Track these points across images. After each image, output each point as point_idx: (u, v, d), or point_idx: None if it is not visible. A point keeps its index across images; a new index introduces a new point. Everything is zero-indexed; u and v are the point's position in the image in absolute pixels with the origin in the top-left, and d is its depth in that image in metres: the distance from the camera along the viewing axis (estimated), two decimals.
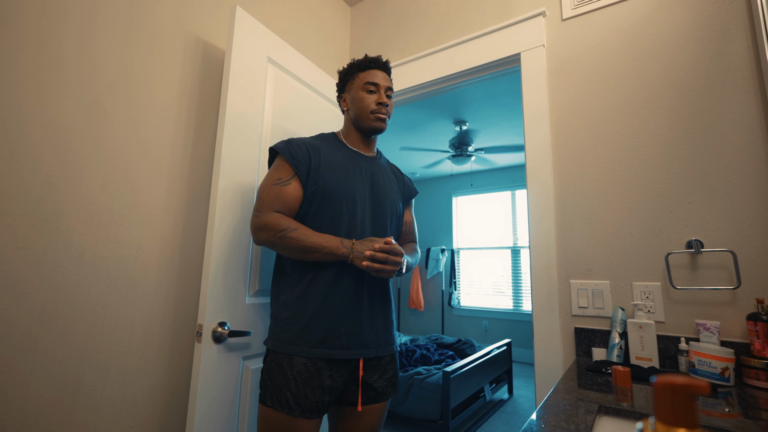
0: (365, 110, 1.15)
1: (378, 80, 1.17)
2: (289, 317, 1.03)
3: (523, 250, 5.27)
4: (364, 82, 1.16)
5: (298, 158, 1.08)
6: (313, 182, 1.08)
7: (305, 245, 0.99)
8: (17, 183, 0.92)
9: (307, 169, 1.08)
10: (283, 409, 0.96)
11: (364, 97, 1.15)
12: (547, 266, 1.38)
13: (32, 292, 0.93)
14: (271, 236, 1.02)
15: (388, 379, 1.11)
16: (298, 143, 1.11)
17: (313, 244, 0.99)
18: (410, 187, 1.34)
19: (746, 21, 1.17)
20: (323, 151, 1.13)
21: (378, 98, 1.15)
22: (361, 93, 1.16)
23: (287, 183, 1.07)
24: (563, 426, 0.67)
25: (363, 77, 1.17)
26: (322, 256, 1.00)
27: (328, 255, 1.00)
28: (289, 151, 1.09)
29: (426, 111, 3.60)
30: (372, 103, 1.15)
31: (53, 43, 1.00)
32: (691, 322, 1.15)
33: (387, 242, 0.99)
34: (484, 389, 3.29)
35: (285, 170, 1.08)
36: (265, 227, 1.02)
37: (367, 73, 1.17)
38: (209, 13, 1.40)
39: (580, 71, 1.43)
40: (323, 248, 0.99)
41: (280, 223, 1.02)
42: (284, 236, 1.00)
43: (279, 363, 1.00)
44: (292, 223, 1.02)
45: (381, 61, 1.20)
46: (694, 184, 1.19)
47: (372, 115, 1.15)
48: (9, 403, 0.87)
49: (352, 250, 1.00)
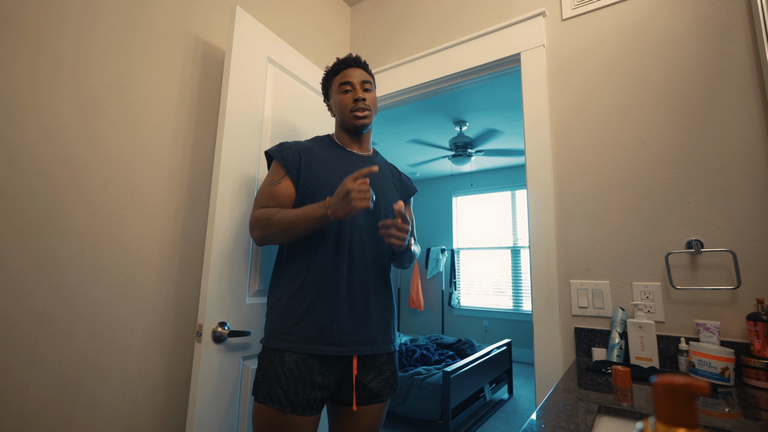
0: (345, 110, 1.17)
1: (351, 78, 1.18)
2: (282, 313, 1.04)
3: (523, 250, 5.27)
4: (339, 84, 1.19)
5: (288, 159, 1.12)
6: (305, 180, 1.11)
7: (288, 221, 1.01)
8: (17, 183, 0.92)
9: (297, 169, 1.12)
10: (275, 405, 0.96)
11: (342, 99, 1.18)
12: (547, 266, 1.38)
13: (32, 292, 0.93)
14: (261, 228, 1.04)
15: (384, 380, 1.09)
16: (289, 146, 1.15)
17: (294, 217, 1.00)
18: (408, 186, 1.34)
19: (746, 21, 1.17)
20: (315, 151, 1.16)
21: (354, 95, 1.17)
22: (339, 96, 1.19)
23: (278, 182, 1.11)
24: (563, 426, 0.67)
25: (338, 80, 1.20)
26: (306, 223, 1.00)
27: (311, 222, 0.99)
28: (280, 153, 1.13)
29: (426, 111, 3.60)
30: (349, 102, 1.17)
31: (51, 43, 1.00)
32: (691, 322, 1.15)
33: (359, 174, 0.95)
34: (484, 389, 3.29)
35: (277, 172, 1.13)
36: (255, 222, 1.06)
37: (340, 75, 1.20)
38: (209, 13, 1.40)
39: (580, 71, 1.43)
40: (304, 216, 1.00)
41: (264, 212, 1.05)
42: (270, 221, 1.03)
43: (270, 359, 1.01)
44: (274, 210, 1.05)
45: (351, 58, 1.21)
46: (694, 184, 1.19)
47: (351, 114, 1.17)
48: (9, 403, 0.87)
49: (328, 206, 0.97)
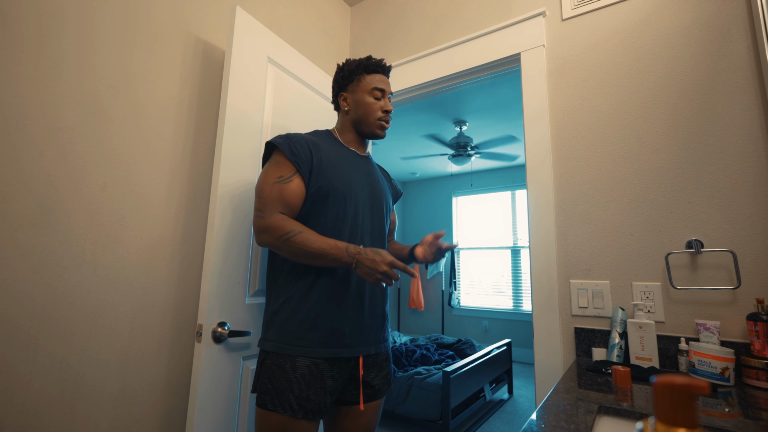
0: (371, 116, 1.14)
1: (385, 86, 1.16)
2: (292, 317, 1.00)
3: (523, 250, 5.26)
4: (372, 87, 1.14)
5: (300, 155, 1.03)
6: (316, 180, 1.04)
7: (309, 251, 0.95)
8: (18, 183, 0.92)
9: (309, 167, 1.04)
10: (286, 412, 0.93)
11: (371, 103, 1.14)
12: (547, 266, 1.38)
13: (32, 292, 0.93)
14: (274, 239, 0.98)
15: (384, 377, 1.12)
16: (298, 138, 1.06)
17: (317, 250, 0.95)
18: (397, 189, 1.38)
19: (746, 21, 1.17)
20: (323, 149, 1.09)
21: (384, 105, 1.14)
22: (367, 98, 1.14)
23: (289, 181, 1.02)
24: (563, 426, 0.67)
25: (370, 81, 1.14)
26: (327, 262, 0.97)
27: (332, 262, 0.97)
28: (289, 146, 1.04)
29: (426, 111, 3.60)
30: (379, 110, 1.14)
31: (53, 43, 1.00)
32: (691, 322, 1.15)
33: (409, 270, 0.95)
34: (484, 389, 3.29)
35: (286, 167, 1.03)
36: (268, 230, 0.98)
37: (374, 77, 1.15)
38: (209, 13, 1.40)
39: (580, 71, 1.43)
40: (327, 255, 0.96)
41: (284, 225, 0.97)
42: (288, 240, 0.96)
43: (281, 365, 0.97)
44: (296, 226, 0.98)
45: (386, 65, 1.19)
46: (694, 184, 1.19)
47: (378, 122, 1.15)
48: (10, 402, 0.87)
49: (356, 259, 0.96)
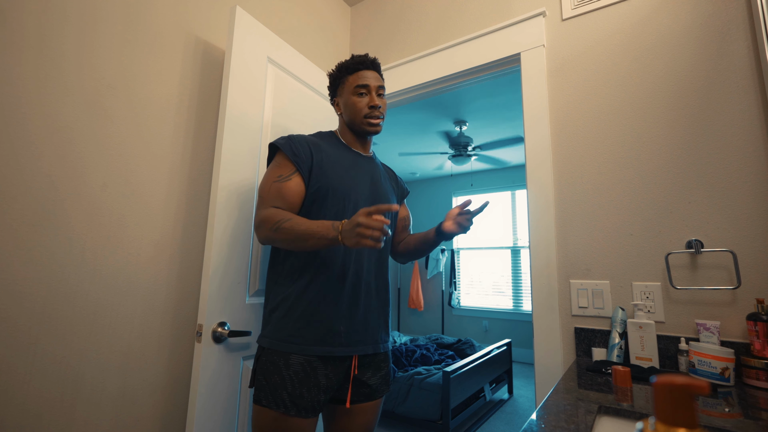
0: (358, 115, 1.13)
1: (368, 81, 1.14)
2: (287, 315, 1.02)
3: (523, 250, 5.26)
4: (355, 86, 1.13)
5: (300, 155, 1.06)
6: (316, 180, 1.06)
7: (298, 233, 0.95)
8: (18, 183, 0.92)
9: (309, 166, 1.06)
10: (279, 409, 0.95)
11: (356, 102, 1.13)
12: (547, 266, 1.38)
13: (32, 292, 0.93)
14: (268, 230, 0.99)
15: (382, 377, 1.12)
16: (299, 140, 1.09)
17: (305, 230, 0.95)
18: (403, 188, 1.36)
19: (746, 21, 1.17)
20: (324, 149, 1.11)
21: (370, 101, 1.13)
22: (352, 98, 1.13)
23: (288, 179, 1.05)
24: (563, 426, 0.67)
25: (353, 80, 1.14)
26: (316, 242, 0.96)
27: (321, 240, 0.94)
28: (290, 147, 1.06)
29: (426, 111, 3.60)
30: (364, 107, 1.13)
31: (53, 43, 1.00)
32: (691, 322, 1.15)
33: (377, 209, 0.90)
34: (484, 389, 3.29)
35: (286, 167, 1.06)
36: (262, 222, 1.01)
37: (356, 76, 1.14)
38: (209, 13, 1.40)
39: (580, 71, 1.43)
40: (315, 233, 0.95)
41: (275, 215, 0.99)
42: (279, 227, 0.97)
43: (274, 362, 0.99)
44: (286, 215, 0.99)
45: (369, 59, 1.16)
46: (694, 184, 1.19)
47: (366, 119, 1.13)
48: (9, 402, 0.87)
49: (341, 231, 0.93)
